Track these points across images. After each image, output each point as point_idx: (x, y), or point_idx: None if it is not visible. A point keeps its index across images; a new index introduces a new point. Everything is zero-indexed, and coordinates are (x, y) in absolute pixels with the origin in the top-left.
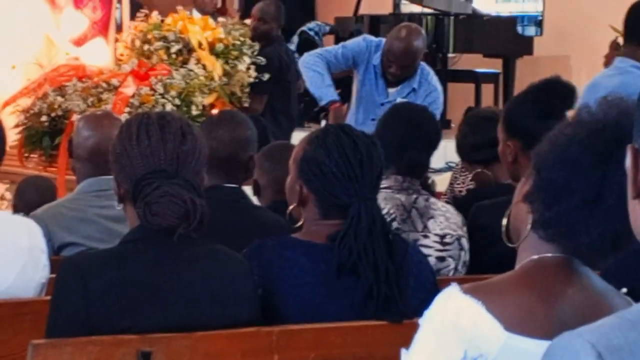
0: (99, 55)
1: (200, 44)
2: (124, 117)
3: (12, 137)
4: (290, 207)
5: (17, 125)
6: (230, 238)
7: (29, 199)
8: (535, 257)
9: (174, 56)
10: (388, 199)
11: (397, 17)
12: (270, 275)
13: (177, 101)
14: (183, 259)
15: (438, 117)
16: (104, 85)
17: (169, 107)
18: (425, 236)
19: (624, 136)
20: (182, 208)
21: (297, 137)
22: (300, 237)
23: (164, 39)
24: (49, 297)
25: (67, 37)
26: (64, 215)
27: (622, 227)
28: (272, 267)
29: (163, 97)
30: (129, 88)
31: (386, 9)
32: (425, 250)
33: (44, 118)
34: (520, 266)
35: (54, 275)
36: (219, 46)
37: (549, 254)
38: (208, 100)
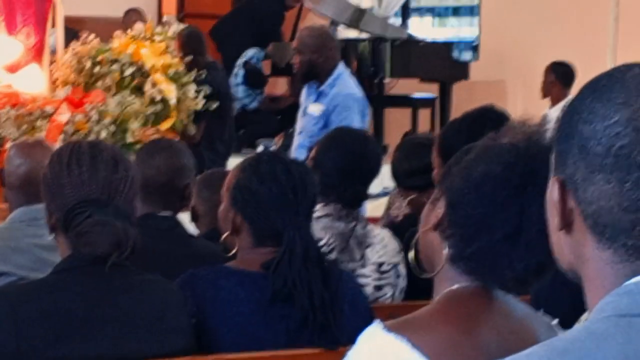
0: (33, 82)
1: (153, 67)
2: (58, 144)
3: None
4: (224, 235)
5: None
6: (164, 267)
7: None
8: (455, 287)
9: (128, 79)
10: (327, 228)
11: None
12: (204, 304)
13: (112, 128)
14: (116, 288)
15: (348, 122)
16: (38, 112)
17: (103, 135)
18: (363, 265)
19: (537, 168)
20: (114, 237)
21: (233, 163)
22: (234, 265)
23: (116, 61)
24: None
25: (1, 64)
26: None
27: (545, 258)
28: (206, 296)
29: (98, 124)
30: (63, 115)
31: None
32: (362, 280)
33: None
34: (440, 298)
35: None
36: (171, 71)
37: (467, 284)
38: (164, 126)
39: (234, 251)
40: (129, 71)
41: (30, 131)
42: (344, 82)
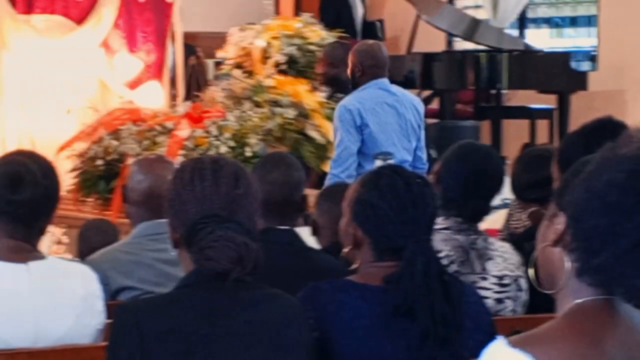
0: (153, 98)
1: (313, 108)
2: (178, 159)
3: (68, 181)
4: (345, 250)
5: (72, 170)
6: (285, 281)
7: (93, 241)
8: (580, 301)
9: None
10: (447, 240)
11: (450, 54)
12: (325, 318)
13: (232, 143)
14: (238, 304)
15: (337, 136)
16: (159, 128)
17: (223, 149)
18: (484, 278)
19: None
20: (235, 252)
21: None
22: (355, 279)
23: (276, 103)
24: (105, 343)
25: (121, 80)
26: (120, 260)
27: None
28: (327, 310)
29: (217, 139)
30: (184, 131)
31: (439, 46)
32: (483, 293)
33: (99, 162)
34: (564, 312)
35: (110, 321)
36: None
37: (592, 297)
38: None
39: (355, 265)
40: (291, 114)
41: (151, 147)
42: (352, 95)
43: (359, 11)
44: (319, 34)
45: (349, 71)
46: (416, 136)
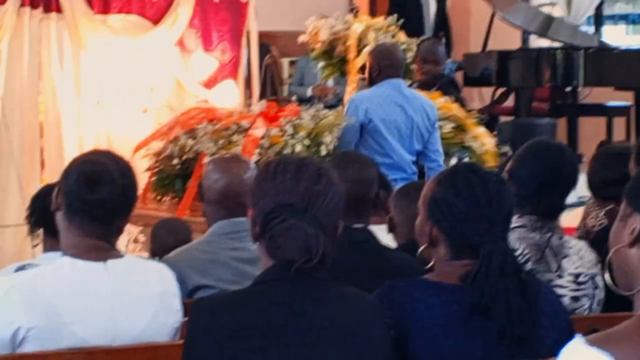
0: (228, 97)
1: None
2: (254, 158)
3: (144, 180)
4: (421, 248)
5: (148, 169)
6: (360, 280)
7: (164, 241)
8: None
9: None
10: (522, 239)
11: (525, 52)
12: (401, 317)
13: (307, 142)
14: (314, 300)
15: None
16: (234, 127)
17: (298, 148)
18: (560, 276)
19: None
20: (304, 243)
21: None
22: (431, 278)
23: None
24: (182, 341)
25: (197, 79)
26: (197, 258)
27: None
28: (404, 309)
29: (292, 138)
30: (259, 129)
31: (515, 44)
32: (559, 291)
33: (175, 161)
34: None
35: (187, 319)
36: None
37: None
38: None
39: (431, 264)
40: (448, 127)
41: (227, 146)
42: (364, 91)
43: (431, 7)
44: (403, 36)
45: (366, 72)
46: (423, 140)
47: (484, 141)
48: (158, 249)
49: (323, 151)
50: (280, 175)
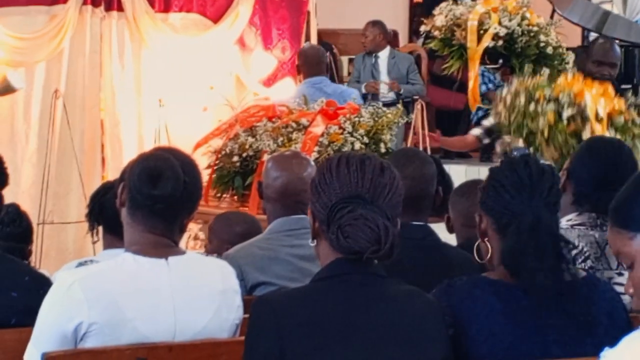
0: (287, 95)
1: (597, 116)
2: (313, 156)
3: (205, 177)
4: (477, 243)
5: (208, 166)
6: (419, 277)
7: (237, 231)
8: None
9: (565, 122)
10: (582, 236)
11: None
12: (460, 315)
13: (366, 139)
14: (375, 298)
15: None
16: (294, 124)
17: (357, 146)
18: (620, 274)
19: None
20: (374, 232)
21: None
22: (491, 276)
23: (556, 101)
24: (242, 337)
25: (257, 77)
26: (256, 255)
27: None
28: (463, 307)
29: (352, 136)
30: (318, 127)
31: (575, 41)
32: (619, 289)
33: (235, 158)
34: None
35: (247, 316)
36: (619, 120)
37: None
38: None
39: (487, 258)
40: (567, 113)
41: (287, 143)
42: None
43: None
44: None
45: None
46: None
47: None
48: (225, 238)
49: (382, 149)
50: (345, 168)
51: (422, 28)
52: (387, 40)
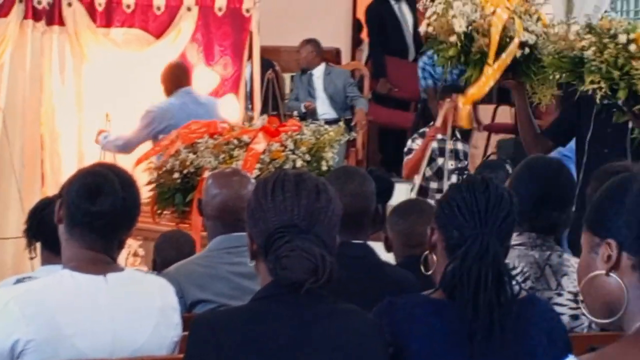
0: (230, 112)
1: None
2: (254, 173)
3: (145, 194)
4: (425, 254)
5: (149, 183)
6: (359, 296)
7: (168, 254)
8: None
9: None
10: (522, 256)
11: None
12: (400, 334)
13: (308, 157)
14: (314, 317)
15: None
16: (235, 141)
17: (299, 163)
18: (559, 294)
19: None
20: (311, 263)
21: None
22: (433, 295)
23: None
24: (181, 355)
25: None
26: (196, 273)
27: None
28: (403, 326)
29: (293, 153)
30: (260, 144)
31: None
32: (558, 309)
33: (176, 175)
34: (635, 330)
35: (186, 333)
36: None
37: None
38: None
39: (431, 271)
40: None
41: (228, 160)
42: None
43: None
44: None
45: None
46: None
47: None
48: (161, 262)
49: (324, 166)
50: (280, 193)
51: (422, 28)
52: (320, 57)
